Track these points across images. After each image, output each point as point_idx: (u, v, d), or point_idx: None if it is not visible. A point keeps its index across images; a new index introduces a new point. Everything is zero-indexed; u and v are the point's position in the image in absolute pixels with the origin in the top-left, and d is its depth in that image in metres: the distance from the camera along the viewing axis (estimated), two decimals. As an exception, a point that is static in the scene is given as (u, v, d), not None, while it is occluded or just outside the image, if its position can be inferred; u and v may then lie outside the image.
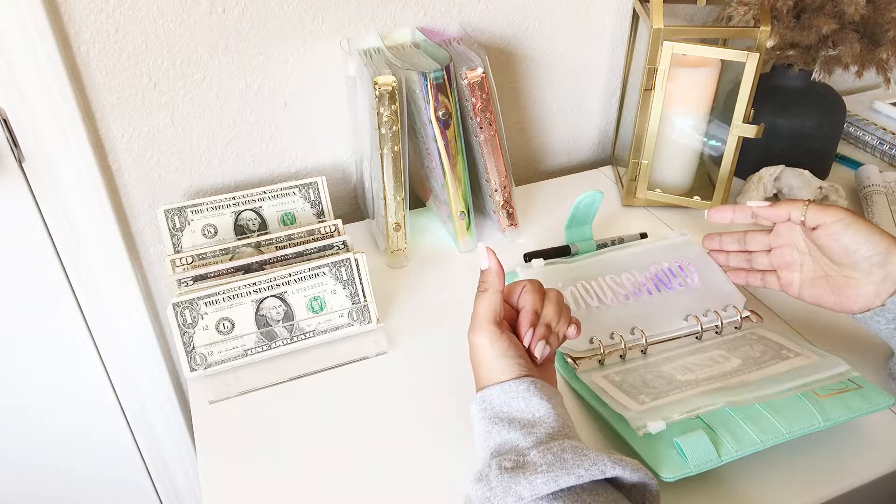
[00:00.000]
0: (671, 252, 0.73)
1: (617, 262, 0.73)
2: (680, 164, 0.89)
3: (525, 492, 0.44)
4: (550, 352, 0.54)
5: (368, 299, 0.70)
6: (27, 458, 0.95)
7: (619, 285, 0.70)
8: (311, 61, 0.82)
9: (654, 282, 0.70)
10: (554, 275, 0.71)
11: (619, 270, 0.71)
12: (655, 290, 0.69)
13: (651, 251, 0.74)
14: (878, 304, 0.58)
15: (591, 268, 0.72)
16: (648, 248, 0.75)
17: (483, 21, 0.89)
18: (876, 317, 0.58)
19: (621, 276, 0.71)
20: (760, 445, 0.52)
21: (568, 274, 0.71)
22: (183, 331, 0.64)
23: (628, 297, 0.69)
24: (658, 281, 0.70)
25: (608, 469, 0.44)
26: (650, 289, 0.70)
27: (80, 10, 0.69)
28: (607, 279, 0.70)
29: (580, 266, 0.73)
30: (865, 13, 0.78)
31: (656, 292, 0.69)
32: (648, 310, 0.68)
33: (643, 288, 0.69)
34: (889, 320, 0.57)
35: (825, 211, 0.58)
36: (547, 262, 0.71)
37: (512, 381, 0.51)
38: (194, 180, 0.84)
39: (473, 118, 0.78)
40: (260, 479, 0.57)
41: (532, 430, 0.48)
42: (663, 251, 0.74)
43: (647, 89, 0.82)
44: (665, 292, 0.69)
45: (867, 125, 1.05)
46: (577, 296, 0.69)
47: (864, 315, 0.59)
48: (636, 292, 0.69)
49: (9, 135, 0.71)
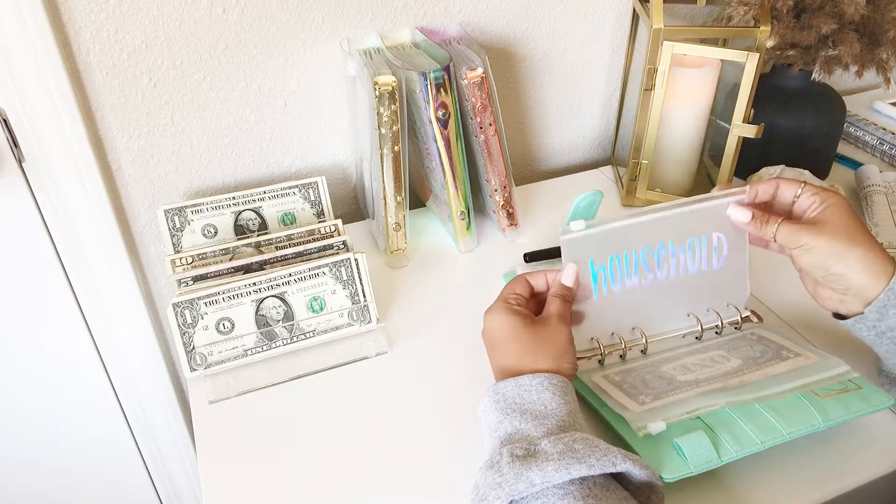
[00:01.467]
0: (722, 215, 0.65)
1: (661, 226, 0.64)
2: (680, 164, 0.89)
3: (537, 478, 0.44)
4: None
5: (368, 299, 0.70)
6: (27, 458, 0.95)
7: (649, 261, 0.64)
8: (311, 61, 0.82)
9: (683, 257, 0.66)
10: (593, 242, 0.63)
11: (656, 239, 0.64)
12: (678, 271, 0.66)
13: (702, 214, 0.65)
14: (854, 313, 0.58)
15: (634, 232, 0.64)
16: (702, 209, 0.65)
17: (483, 21, 0.89)
18: (857, 324, 0.58)
19: (656, 250, 0.64)
20: (760, 446, 0.52)
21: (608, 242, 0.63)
22: (183, 331, 0.64)
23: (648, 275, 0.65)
24: (687, 258, 0.66)
25: (619, 462, 0.45)
26: (674, 268, 0.65)
27: (80, 10, 0.69)
28: (642, 252, 0.64)
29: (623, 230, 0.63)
30: (865, 13, 0.78)
31: (677, 273, 0.66)
32: (660, 297, 0.65)
33: (668, 266, 0.65)
34: (869, 328, 0.57)
35: (791, 237, 0.57)
36: (588, 225, 0.62)
37: (526, 377, 0.53)
38: (194, 180, 0.84)
39: (473, 118, 0.78)
40: (260, 479, 0.57)
41: (544, 421, 0.49)
42: (714, 215, 0.65)
43: (647, 89, 0.82)
44: (687, 274, 0.66)
45: (867, 125, 1.05)
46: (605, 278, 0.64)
47: (845, 322, 0.59)
48: (658, 270, 0.65)
49: (9, 135, 0.71)
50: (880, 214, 0.85)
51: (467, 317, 0.73)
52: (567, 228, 0.61)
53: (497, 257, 0.83)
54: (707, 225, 0.65)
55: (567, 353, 0.56)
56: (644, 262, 0.64)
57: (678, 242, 0.65)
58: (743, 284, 0.67)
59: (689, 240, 0.65)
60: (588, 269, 0.62)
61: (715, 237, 0.66)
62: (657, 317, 0.66)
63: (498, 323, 0.57)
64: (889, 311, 0.55)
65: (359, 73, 0.78)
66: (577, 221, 0.62)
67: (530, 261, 0.80)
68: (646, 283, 0.65)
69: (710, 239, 0.66)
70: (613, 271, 0.64)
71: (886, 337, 0.57)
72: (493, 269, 0.81)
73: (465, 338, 0.70)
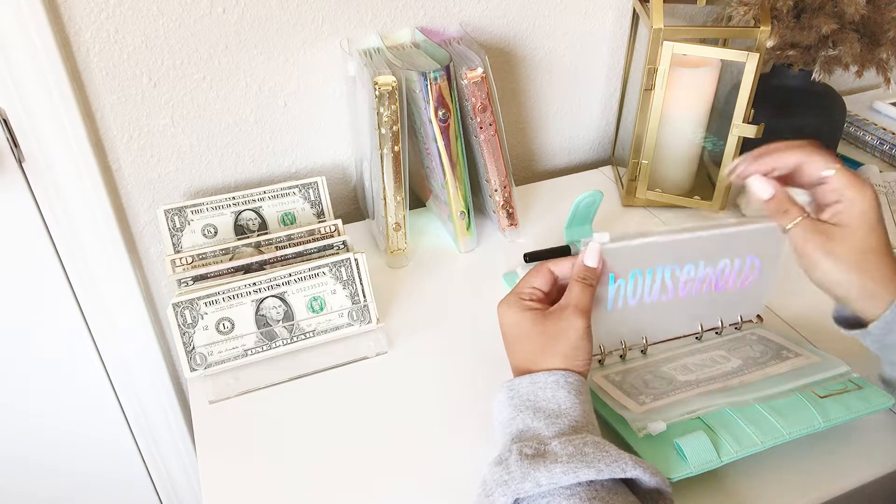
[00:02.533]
0: (760, 240, 0.63)
1: (693, 247, 0.61)
2: (680, 164, 0.89)
3: (543, 479, 0.44)
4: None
5: (368, 299, 0.70)
6: (27, 458, 0.95)
7: (673, 280, 0.61)
8: (311, 61, 0.82)
9: (711, 278, 0.62)
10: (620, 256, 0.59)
11: (685, 259, 0.61)
12: (700, 289, 0.62)
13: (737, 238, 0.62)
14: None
15: (666, 250, 0.61)
16: (741, 232, 0.62)
17: (483, 21, 0.89)
18: (862, 336, 0.56)
19: (683, 269, 0.61)
20: (760, 446, 0.52)
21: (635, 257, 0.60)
22: (183, 331, 0.64)
23: (670, 293, 0.62)
24: (716, 280, 0.63)
25: (629, 468, 0.44)
26: (697, 286, 0.62)
27: (80, 10, 0.69)
28: (667, 272, 0.61)
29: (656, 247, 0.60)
30: (865, 13, 0.78)
31: (700, 291, 0.62)
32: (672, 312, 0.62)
33: (694, 287, 0.62)
34: (875, 340, 0.55)
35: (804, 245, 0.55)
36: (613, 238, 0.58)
37: (542, 374, 0.52)
38: (194, 180, 0.84)
39: (473, 118, 0.78)
40: (260, 479, 0.57)
41: (556, 420, 0.49)
42: (753, 239, 0.63)
43: (647, 89, 0.82)
44: (711, 292, 0.63)
45: (867, 125, 1.05)
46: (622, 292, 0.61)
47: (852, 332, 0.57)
48: (683, 291, 0.62)
49: (9, 135, 0.71)
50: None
51: (467, 317, 0.73)
52: (591, 239, 0.58)
53: (497, 257, 0.83)
54: (743, 249, 0.62)
55: (580, 349, 0.53)
56: (669, 280, 0.61)
57: (709, 263, 0.62)
58: (758, 303, 0.67)
59: (722, 262, 0.62)
60: (607, 282, 0.59)
61: (749, 260, 0.63)
62: (666, 327, 0.65)
63: (508, 319, 0.56)
64: (894, 327, 0.53)
65: (359, 73, 0.78)
66: (602, 233, 0.58)
67: (530, 261, 0.80)
68: (665, 298, 0.62)
69: (743, 262, 0.63)
70: (634, 287, 0.61)
71: (891, 349, 0.55)
72: (493, 269, 0.81)
73: (464, 337, 0.70)
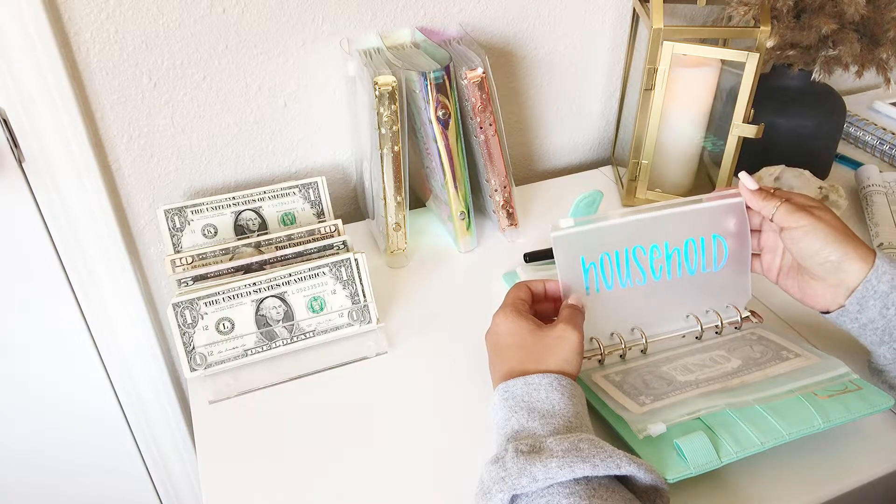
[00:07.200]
0: (719, 218, 0.65)
1: (653, 226, 0.64)
2: (680, 164, 0.89)
3: (539, 474, 0.45)
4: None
5: (368, 299, 0.70)
6: (27, 457, 0.95)
7: (641, 261, 0.64)
8: (311, 61, 0.82)
9: (679, 259, 0.66)
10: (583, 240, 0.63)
11: (650, 240, 0.64)
12: (674, 273, 0.65)
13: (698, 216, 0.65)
14: (836, 306, 0.58)
15: (625, 231, 0.64)
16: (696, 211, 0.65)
17: (483, 21, 0.89)
18: (841, 317, 0.59)
19: (649, 249, 0.64)
20: (760, 447, 0.52)
21: (598, 240, 0.64)
22: (183, 331, 0.64)
23: (643, 276, 0.65)
24: (683, 259, 0.66)
25: (624, 465, 0.45)
26: (672, 268, 0.65)
27: (80, 10, 0.69)
28: (633, 251, 0.64)
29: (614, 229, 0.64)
30: (865, 13, 0.78)
31: (674, 275, 0.65)
32: (657, 299, 0.65)
33: (663, 267, 0.65)
34: (852, 319, 0.58)
35: (792, 215, 0.59)
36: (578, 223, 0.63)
37: (536, 375, 0.53)
38: (194, 180, 0.84)
39: (473, 118, 0.78)
40: (260, 479, 0.57)
41: (551, 420, 0.50)
42: (710, 217, 0.65)
43: (647, 89, 0.82)
44: (685, 277, 0.66)
45: (867, 125, 1.05)
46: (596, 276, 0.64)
47: (829, 315, 0.60)
48: (653, 271, 0.65)
49: (9, 135, 0.71)
50: (880, 214, 0.85)
51: (467, 317, 0.73)
52: (556, 226, 0.62)
53: (497, 257, 0.83)
54: (704, 227, 0.65)
55: (571, 362, 0.55)
56: (637, 261, 0.64)
57: (673, 244, 0.65)
58: (744, 287, 0.67)
59: (686, 241, 0.65)
60: (579, 265, 0.62)
61: (714, 240, 0.66)
62: (655, 318, 0.65)
63: (507, 327, 0.58)
64: (868, 303, 0.56)
65: (359, 73, 0.78)
66: (566, 219, 0.63)
67: (530, 261, 0.80)
68: (640, 283, 0.65)
69: (707, 241, 0.66)
70: (605, 270, 0.64)
71: (868, 329, 0.57)
72: (493, 269, 0.81)
73: (464, 337, 0.70)
